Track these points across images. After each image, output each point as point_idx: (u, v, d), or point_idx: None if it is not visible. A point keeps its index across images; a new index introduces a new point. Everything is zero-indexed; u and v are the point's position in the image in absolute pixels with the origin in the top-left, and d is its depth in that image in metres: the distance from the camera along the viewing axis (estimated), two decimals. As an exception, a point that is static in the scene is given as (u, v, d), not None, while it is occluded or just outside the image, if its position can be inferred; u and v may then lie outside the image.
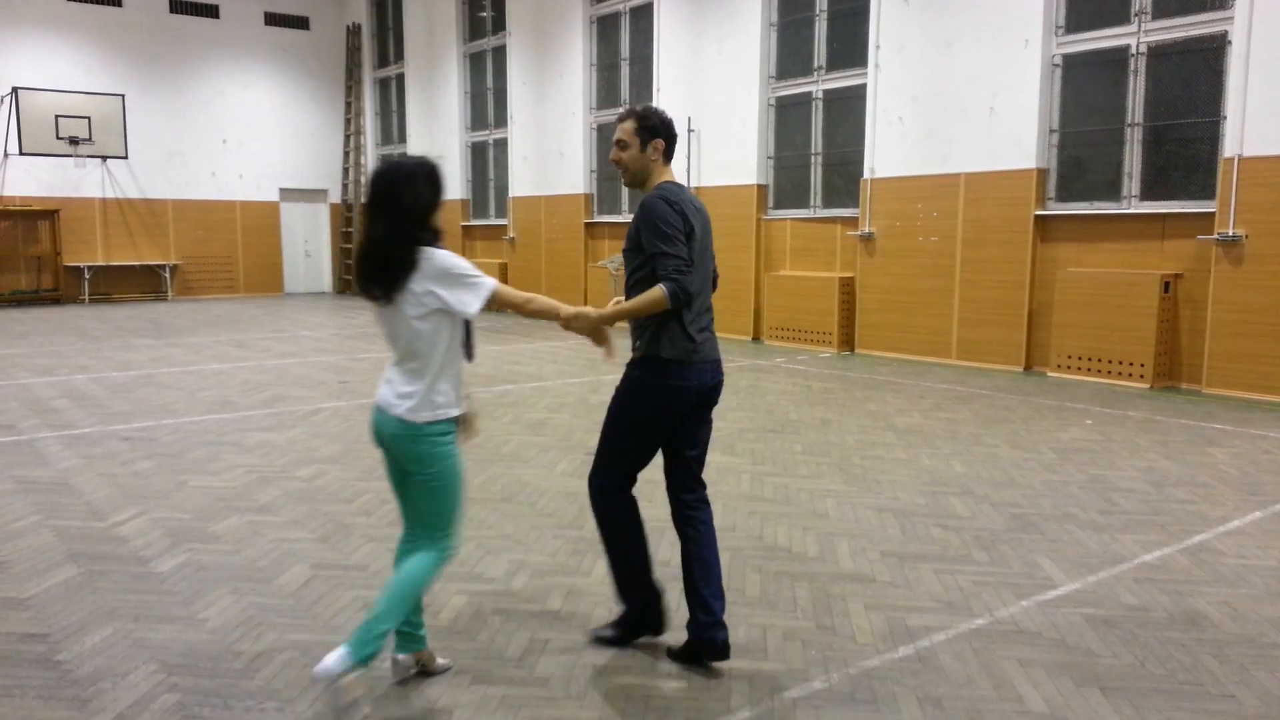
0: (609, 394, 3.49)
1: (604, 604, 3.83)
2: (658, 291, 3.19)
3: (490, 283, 2.96)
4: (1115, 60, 9.49)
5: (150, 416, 7.59)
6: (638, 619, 3.46)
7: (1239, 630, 3.62)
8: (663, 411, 3.32)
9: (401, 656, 3.18)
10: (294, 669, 3.26)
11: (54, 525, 4.82)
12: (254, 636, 3.53)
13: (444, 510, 3.04)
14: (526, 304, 3.12)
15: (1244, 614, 3.77)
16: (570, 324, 3.23)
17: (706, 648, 3.26)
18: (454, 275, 2.92)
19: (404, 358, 2.97)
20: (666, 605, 3.48)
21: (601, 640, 3.47)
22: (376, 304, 2.95)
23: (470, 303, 2.93)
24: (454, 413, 3.01)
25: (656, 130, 3.42)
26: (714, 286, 3.48)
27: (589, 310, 3.25)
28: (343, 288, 21.85)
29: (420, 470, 2.99)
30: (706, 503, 3.43)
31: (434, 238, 2.96)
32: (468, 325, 3.05)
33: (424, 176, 2.96)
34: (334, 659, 2.78)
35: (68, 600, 3.86)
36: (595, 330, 3.27)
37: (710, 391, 3.38)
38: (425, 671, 3.21)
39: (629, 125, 3.42)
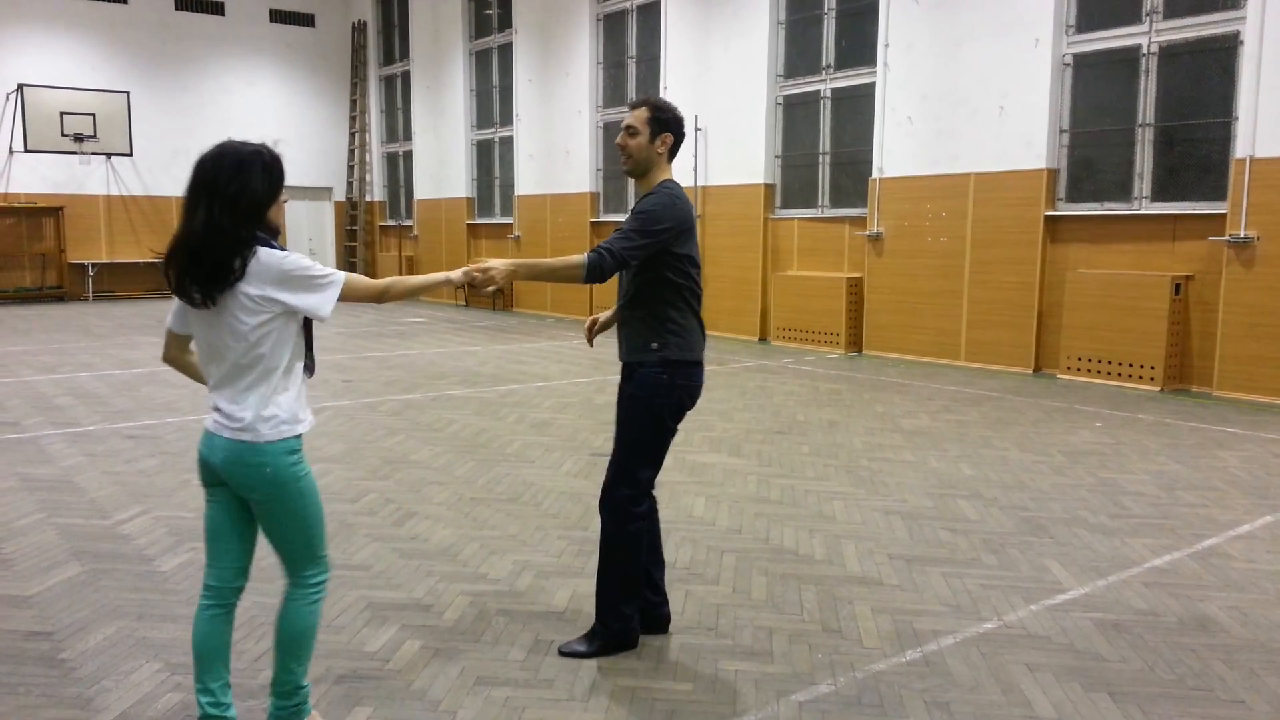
0: (614, 393, 3.47)
1: (609, 605, 3.81)
2: (580, 258, 3.16)
3: (340, 277, 2.62)
4: (1126, 60, 9.43)
5: (154, 414, 7.58)
6: (632, 629, 3.40)
7: (1249, 635, 3.58)
8: (683, 411, 3.36)
9: None
10: (297, 669, 3.24)
11: (57, 523, 4.80)
12: (256, 636, 3.50)
13: (306, 539, 2.69)
14: (389, 290, 2.78)
15: (1254, 619, 3.73)
16: (476, 282, 3.01)
17: (659, 624, 3.50)
18: (297, 277, 2.55)
19: (234, 373, 2.58)
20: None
21: (570, 652, 3.36)
22: (194, 307, 2.55)
23: (322, 306, 2.59)
24: (301, 429, 2.65)
25: (668, 124, 3.36)
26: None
27: (494, 263, 3.05)
28: (348, 285, 21.84)
29: (269, 498, 2.61)
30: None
31: (269, 235, 2.60)
32: (308, 333, 2.71)
33: (259, 165, 2.56)
34: None
35: (71, 598, 3.84)
36: (506, 281, 3.06)
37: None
38: None
39: (642, 113, 3.35)
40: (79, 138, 17.83)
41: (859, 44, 11.65)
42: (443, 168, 19.16)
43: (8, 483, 5.54)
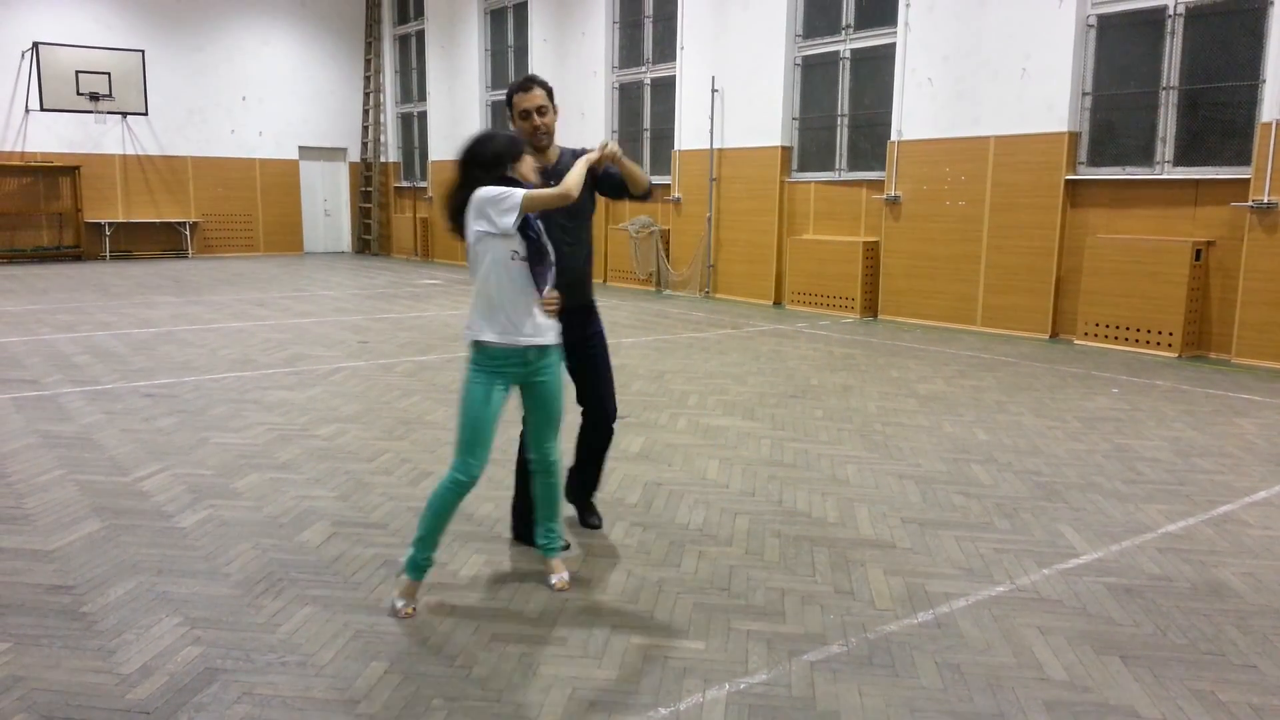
0: (627, 355, 3.58)
1: (622, 567, 3.84)
2: (646, 180, 3.89)
3: (518, 196, 3.26)
4: (1151, 21, 9.25)
5: (171, 373, 7.63)
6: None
7: (1262, 601, 3.58)
8: None
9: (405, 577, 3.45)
10: (315, 623, 3.29)
11: (78, 479, 4.86)
12: (275, 591, 3.55)
13: (459, 428, 3.39)
14: (566, 195, 3.33)
15: (1268, 585, 3.73)
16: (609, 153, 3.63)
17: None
18: (486, 202, 3.29)
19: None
20: None
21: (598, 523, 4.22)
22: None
23: (502, 219, 3.26)
24: (477, 335, 3.39)
25: (552, 95, 3.82)
26: None
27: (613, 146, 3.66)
28: (361, 247, 21.85)
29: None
30: None
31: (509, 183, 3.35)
32: (537, 246, 3.38)
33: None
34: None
35: (92, 553, 3.90)
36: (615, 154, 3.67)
37: None
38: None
39: (542, 93, 3.75)
40: (94, 97, 17.80)
41: (880, 3, 11.45)
42: (457, 128, 19.04)
43: (29, 439, 5.61)
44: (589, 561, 3.89)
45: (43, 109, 17.64)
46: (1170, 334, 8.92)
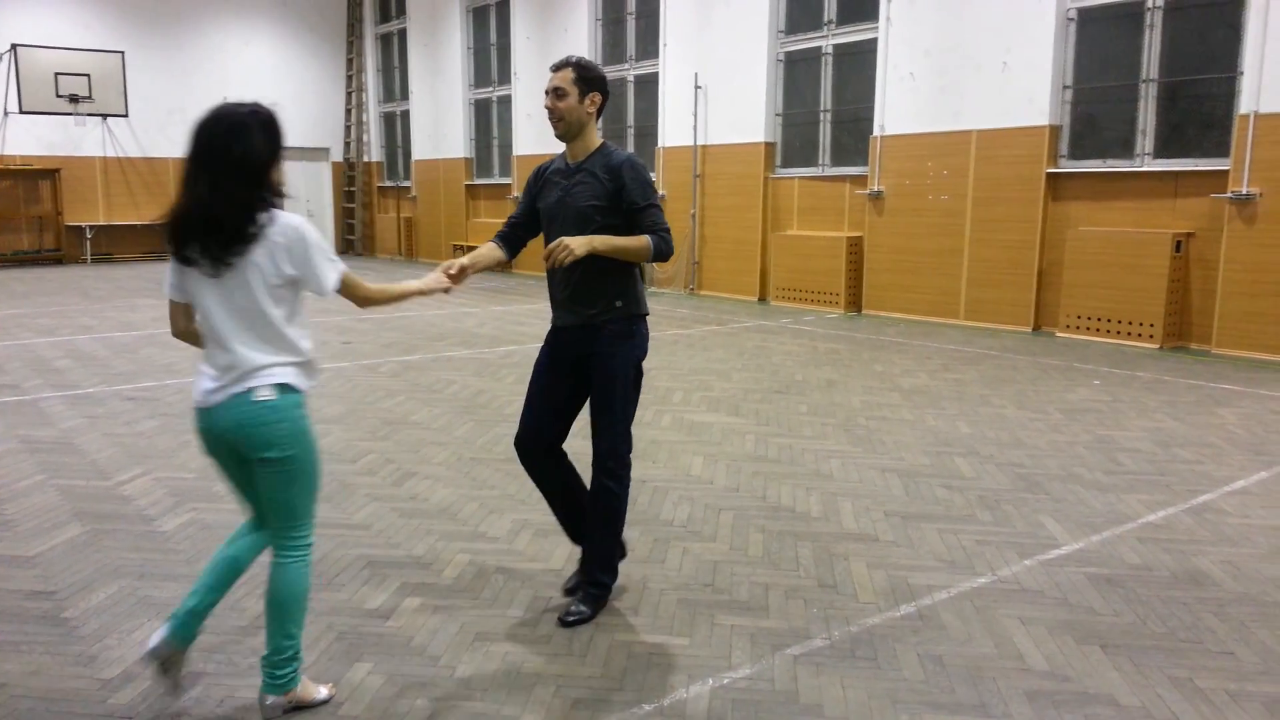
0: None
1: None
2: (648, 240, 3.25)
3: (342, 265, 2.68)
4: (1131, 15, 9.30)
5: (153, 376, 7.59)
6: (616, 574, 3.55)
7: (1241, 589, 3.61)
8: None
9: (158, 642, 2.70)
10: (298, 626, 3.28)
11: (59, 484, 4.83)
12: (257, 595, 3.53)
13: (311, 493, 2.71)
14: (376, 296, 2.83)
15: (1246, 573, 3.76)
16: (556, 257, 3.08)
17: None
18: (314, 245, 2.58)
19: (242, 330, 2.57)
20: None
21: (576, 620, 3.33)
22: (209, 275, 2.54)
23: (329, 277, 2.61)
24: (310, 382, 2.72)
25: (594, 83, 3.34)
26: None
27: (572, 241, 3.10)
28: (345, 248, 21.76)
29: (293, 449, 2.61)
30: None
31: (274, 195, 2.61)
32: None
33: (257, 125, 2.57)
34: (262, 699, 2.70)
35: (73, 558, 3.88)
36: (584, 254, 3.12)
37: None
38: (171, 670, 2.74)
39: (567, 74, 3.31)
40: (74, 99, 17.64)
41: (860, -1, 11.49)
42: (440, 128, 18.99)
43: (9, 445, 5.57)
44: (574, 557, 3.89)
45: (21, 111, 17.48)
46: (1151, 325, 8.98)
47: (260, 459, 2.60)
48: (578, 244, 3.11)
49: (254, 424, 2.57)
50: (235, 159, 2.50)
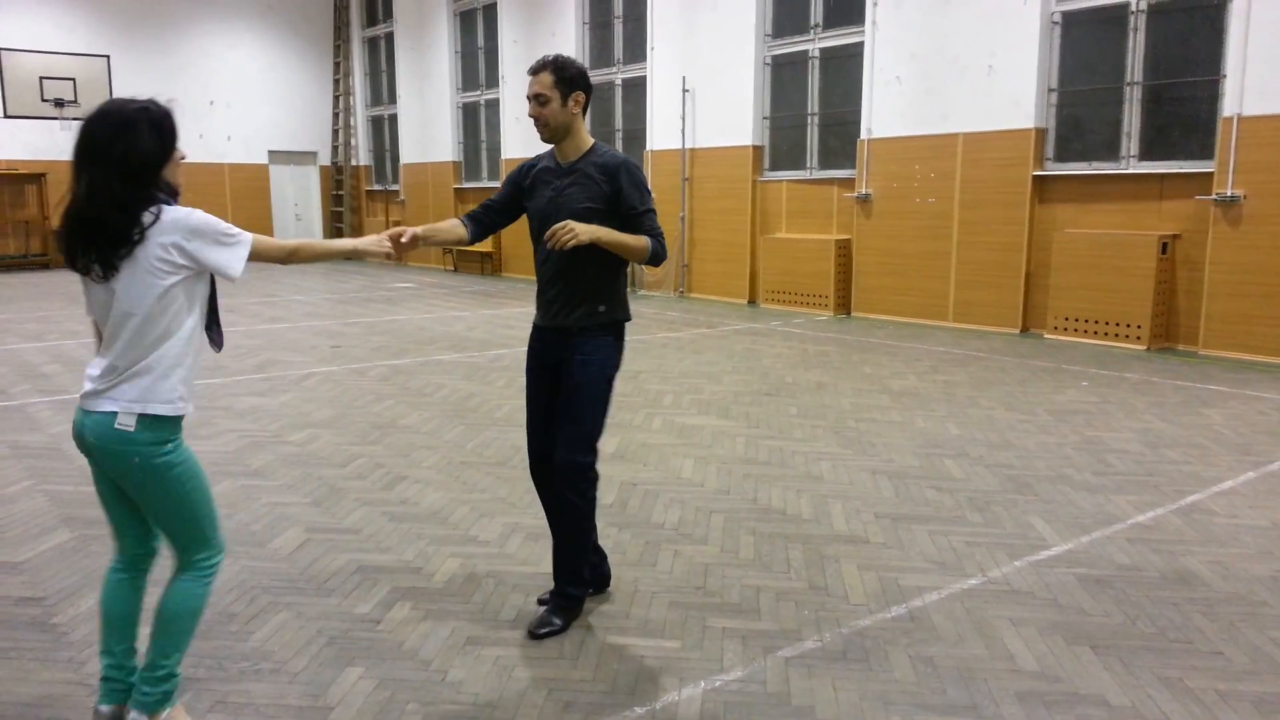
0: None
1: (598, 566, 3.84)
2: (647, 240, 3.25)
3: (248, 237, 2.51)
4: (1115, 18, 9.37)
5: (142, 381, 7.54)
6: (587, 591, 3.45)
7: (1229, 589, 3.64)
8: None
9: (104, 708, 2.58)
10: (288, 631, 3.26)
11: (47, 490, 4.80)
12: (248, 599, 3.52)
13: (195, 520, 2.54)
14: (298, 251, 2.65)
15: (1235, 573, 3.79)
16: (557, 238, 3.04)
17: (603, 583, 3.57)
18: (206, 232, 2.43)
19: (121, 340, 2.44)
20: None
21: (548, 632, 3.24)
22: (95, 281, 2.44)
23: (232, 263, 2.45)
24: (188, 409, 2.53)
25: (575, 82, 3.27)
26: None
27: (577, 225, 3.07)
28: (335, 251, 21.67)
29: (148, 483, 2.46)
30: None
31: (168, 195, 2.49)
32: (213, 303, 2.60)
33: (146, 123, 2.44)
34: None
35: (62, 564, 3.85)
36: (587, 241, 3.08)
37: None
38: None
39: (547, 78, 3.24)
40: (59, 103, 17.54)
41: (847, 2, 11.53)
42: (428, 131, 18.97)
43: (-5, 451, 5.53)
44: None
45: (6, 116, 17.38)
46: (1138, 327, 9.04)
47: (124, 483, 2.50)
48: (583, 229, 3.08)
49: (111, 449, 2.44)
50: (116, 158, 2.37)
